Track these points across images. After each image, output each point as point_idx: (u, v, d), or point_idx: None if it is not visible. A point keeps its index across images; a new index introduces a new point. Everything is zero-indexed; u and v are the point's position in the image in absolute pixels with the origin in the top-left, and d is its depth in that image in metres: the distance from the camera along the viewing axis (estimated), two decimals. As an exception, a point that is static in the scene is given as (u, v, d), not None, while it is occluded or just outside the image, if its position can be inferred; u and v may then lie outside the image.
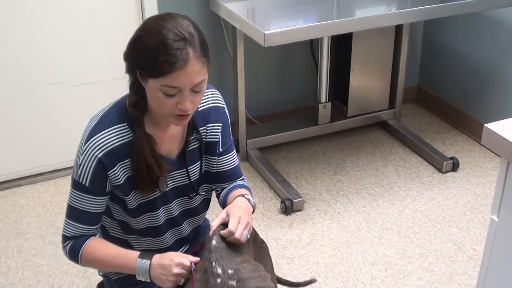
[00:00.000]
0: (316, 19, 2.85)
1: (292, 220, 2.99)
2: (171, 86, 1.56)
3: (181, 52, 1.54)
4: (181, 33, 1.55)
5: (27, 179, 3.28)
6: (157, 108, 1.64)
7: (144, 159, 1.68)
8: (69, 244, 1.78)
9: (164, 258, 1.68)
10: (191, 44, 1.56)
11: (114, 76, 3.23)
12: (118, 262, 1.74)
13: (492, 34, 3.41)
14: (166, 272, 1.66)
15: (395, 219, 3.00)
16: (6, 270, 2.69)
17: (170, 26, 1.56)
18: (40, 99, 3.16)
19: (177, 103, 1.60)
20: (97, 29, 3.14)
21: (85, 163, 1.67)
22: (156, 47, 1.54)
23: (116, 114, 1.70)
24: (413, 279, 2.63)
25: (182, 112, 1.62)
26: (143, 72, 1.59)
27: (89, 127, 1.70)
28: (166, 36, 1.54)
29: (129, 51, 1.63)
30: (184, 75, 1.56)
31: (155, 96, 1.61)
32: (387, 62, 3.60)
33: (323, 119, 3.55)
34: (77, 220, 1.75)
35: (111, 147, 1.66)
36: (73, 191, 1.73)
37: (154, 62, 1.54)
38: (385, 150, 3.57)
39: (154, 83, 1.57)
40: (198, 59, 1.57)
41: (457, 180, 3.29)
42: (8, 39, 2.99)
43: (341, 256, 2.76)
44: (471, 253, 2.77)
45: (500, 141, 1.45)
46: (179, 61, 1.54)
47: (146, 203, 1.78)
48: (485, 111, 3.56)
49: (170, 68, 1.53)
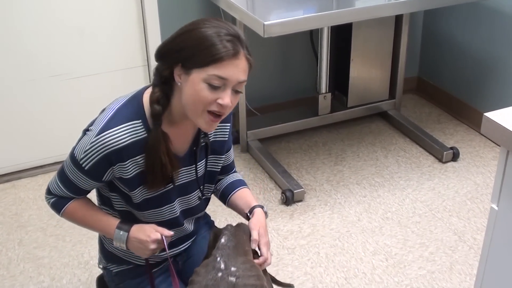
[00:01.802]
0: (316, 9, 2.85)
1: (293, 211, 3.00)
2: (220, 76, 1.57)
3: (233, 44, 1.57)
4: (232, 29, 1.60)
5: (27, 171, 3.29)
6: (192, 104, 1.62)
7: (159, 157, 1.68)
8: (52, 199, 1.82)
9: (141, 232, 1.77)
10: (240, 42, 1.59)
11: (114, 68, 3.23)
12: (97, 227, 1.84)
13: (492, 24, 3.40)
14: (143, 247, 1.77)
15: (396, 209, 3.00)
16: (7, 263, 2.70)
17: (220, 24, 1.60)
18: (40, 91, 3.16)
19: (218, 98, 1.60)
20: (97, 21, 3.13)
21: (91, 152, 1.66)
22: (209, 36, 1.56)
23: (132, 110, 1.69)
24: (414, 269, 2.63)
25: (220, 109, 1.62)
26: (188, 63, 1.58)
27: (103, 119, 1.68)
28: (218, 29, 1.58)
29: (170, 46, 1.63)
30: (234, 66, 1.58)
31: (195, 90, 1.59)
32: (387, 52, 3.60)
33: (323, 109, 3.55)
34: (66, 186, 1.78)
35: (122, 145, 1.65)
36: (71, 164, 1.73)
37: (206, 49, 1.55)
38: (385, 140, 3.57)
39: (200, 73, 1.57)
40: (246, 58, 1.61)
41: (458, 170, 3.29)
42: (7, 31, 2.99)
43: (341, 246, 2.77)
44: (472, 242, 2.78)
45: (500, 130, 1.45)
46: (232, 51, 1.56)
47: (152, 199, 1.78)
48: (485, 101, 3.56)
49: (223, 55, 1.55)
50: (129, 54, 3.26)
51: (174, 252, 1.96)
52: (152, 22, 3.22)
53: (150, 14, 3.20)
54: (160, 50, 1.67)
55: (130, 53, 3.26)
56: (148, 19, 3.20)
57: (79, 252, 2.74)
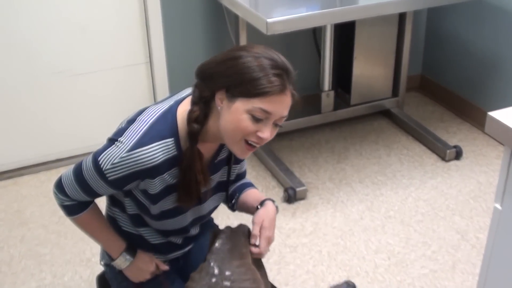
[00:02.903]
0: (319, 7, 2.84)
1: (295, 209, 2.99)
2: (265, 110, 1.55)
3: (281, 78, 1.55)
4: (281, 61, 1.57)
5: (29, 168, 3.29)
6: (231, 131, 1.59)
7: (194, 176, 1.66)
8: (67, 202, 1.74)
9: (144, 264, 1.87)
10: (288, 77, 1.57)
11: (116, 65, 3.23)
12: (104, 242, 1.87)
13: (496, 22, 3.39)
14: (139, 275, 1.88)
15: (398, 207, 2.99)
16: (9, 260, 2.70)
17: (269, 54, 1.57)
18: (42, 88, 3.16)
19: (258, 130, 1.58)
20: (99, 17, 3.13)
21: (119, 167, 1.61)
22: (258, 67, 1.53)
23: (165, 126, 1.63)
24: (416, 268, 2.62)
25: (258, 141, 1.61)
26: (233, 91, 1.55)
27: (135, 132, 1.61)
28: (267, 60, 1.55)
29: (216, 69, 1.59)
30: (280, 102, 1.56)
31: (236, 118, 1.56)
32: (390, 50, 3.59)
33: (326, 107, 3.54)
34: (81, 188, 1.70)
35: (154, 164, 1.61)
36: (92, 170, 1.65)
37: (254, 81, 1.52)
38: (388, 138, 3.57)
39: (245, 104, 1.54)
40: (292, 93, 1.59)
41: (461, 169, 3.28)
42: (10, 28, 2.99)
43: (344, 244, 2.76)
44: (474, 241, 2.77)
45: (504, 129, 1.44)
46: (280, 86, 1.54)
47: (168, 210, 1.77)
48: (489, 99, 3.55)
49: (270, 90, 1.52)
50: (132, 51, 3.25)
51: (176, 254, 1.97)
52: (154, 19, 3.21)
53: (153, 10, 3.19)
54: (204, 71, 1.62)
55: (133, 50, 3.25)
56: (150, 15, 3.20)
57: (81, 249, 2.74)
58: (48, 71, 3.13)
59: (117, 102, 3.32)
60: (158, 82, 3.35)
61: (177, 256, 1.98)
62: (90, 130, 3.31)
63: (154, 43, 3.25)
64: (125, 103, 3.32)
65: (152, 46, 3.25)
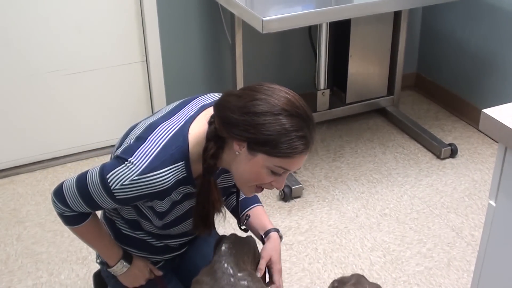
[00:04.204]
0: (314, 5, 2.84)
1: (291, 207, 3.00)
2: (284, 168, 1.56)
3: (305, 140, 1.53)
4: (306, 115, 1.54)
5: (25, 167, 3.28)
6: (246, 178, 1.60)
7: (212, 204, 1.67)
8: (67, 213, 1.69)
9: (140, 271, 1.88)
10: (311, 132, 1.56)
11: (112, 63, 3.23)
12: (101, 250, 1.85)
13: (491, 20, 3.40)
14: (134, 281, 1.89)
15: (394, 205, 3.00)
16: (5, 258, 2.70)
17: (295, 104, 1.54)
18: (38, 86, 3.15)
19: (273, 181, 1.60)
20: (95, 16, 3.13)
21: (129, 188, 1.58)
22: (284, 130, 1.50)
23: (177, 149, 1.60)
24: (412, 265, 2.63)
25: (270, 188, 1.63)
26: (256, 147, 1.52)
27: (147, 154, 1.58)
28: (290, 118, 1.51)
29: (240, 120, 1.51)
30: (299, 161, 1.57)
31: (255, 170, 1.56)
32: (385, 48, 3.60)
33: (321, 105, 3.55)
34: (85, 201, 1.65)
35: (164, 187, 1.59)
36: (99, 186, 1.60)
37: (280, 143, 1.50)
38: (383, 136, 3.57)
39: (266, 160, 1.53)
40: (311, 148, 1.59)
41: (456, 167, 3.29)
42: (5, 27, 2.98)
43: (339, 242, 2.77)
44: (469, 239, 2.78)
45: (498, 126, 1.44)
46: (303, 149, 1.54)
47: (171, 222, 1.77)
48: (484, 97, 3.56)
49: (292, 154, 1.53)
50: (127, 50, 3.25)
51: (174, 254, 1.98)
52: (150, 18, 3.21)
53: (149, 9, 3.19)
54: (224, 114, 1.55)
55: (128, 48, 3.25)
56: (146, 14, 3.20)
57: (77, 248, 2.74)
58: (44, 70, 3.13)
59: (113, 101, 3.31)
60: (154, 81, 3.35)
61: (173, 256, 1.98)
62: (86, 128, 3.31)
63: (150, 41, 3.25)
64: (121, 102, 3.32)
65: (148, 44, 3.25)
